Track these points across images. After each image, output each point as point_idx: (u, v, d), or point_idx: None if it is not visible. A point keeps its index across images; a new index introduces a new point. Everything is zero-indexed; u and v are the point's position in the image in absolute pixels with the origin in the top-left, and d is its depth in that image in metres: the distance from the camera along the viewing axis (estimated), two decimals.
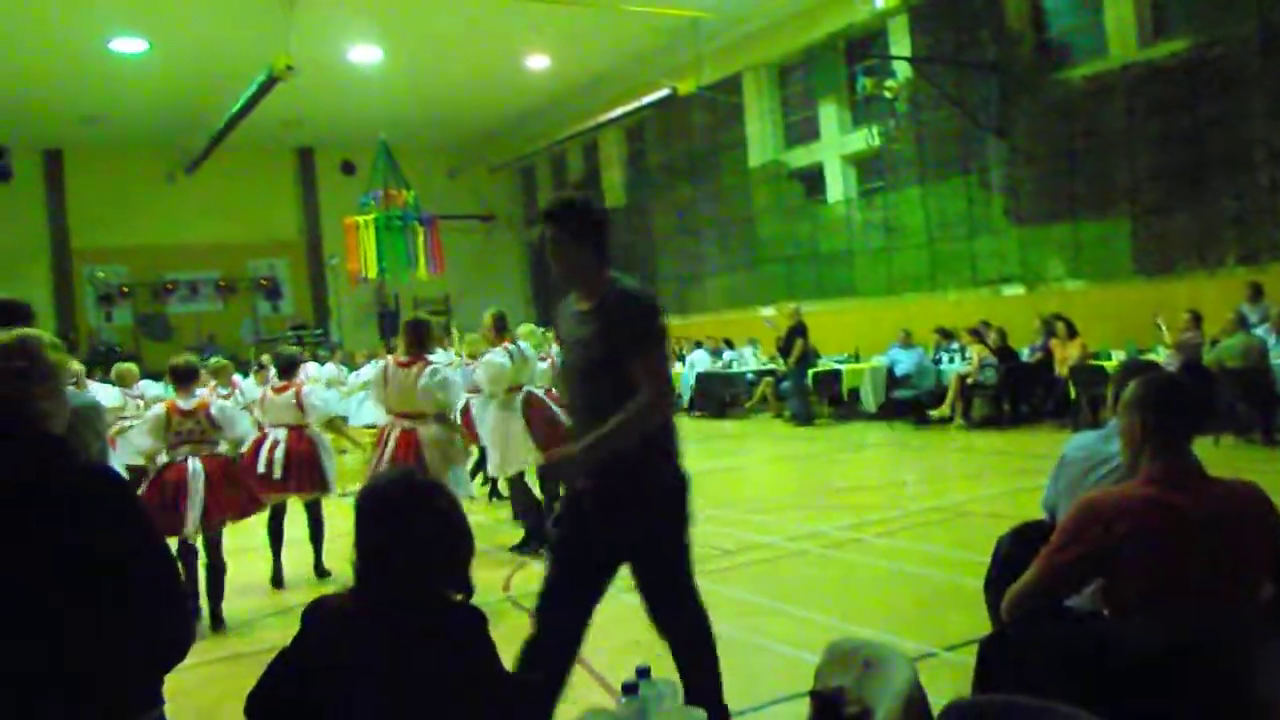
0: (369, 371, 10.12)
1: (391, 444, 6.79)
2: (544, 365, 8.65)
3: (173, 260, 24.07)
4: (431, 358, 7.18)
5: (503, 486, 9.46)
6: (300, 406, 7.38)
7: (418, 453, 6.72)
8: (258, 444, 7.27)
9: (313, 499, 7.49)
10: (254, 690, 2.23)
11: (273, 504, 7.21)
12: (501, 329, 8.16)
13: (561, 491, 7.39)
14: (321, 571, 7.51)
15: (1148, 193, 13.06)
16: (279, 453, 7.19)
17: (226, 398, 8.52)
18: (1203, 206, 12.51)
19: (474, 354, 9.21)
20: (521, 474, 7.98)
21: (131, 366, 9.43)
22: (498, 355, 7.87)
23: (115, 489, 2.23)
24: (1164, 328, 11.42)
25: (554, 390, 8.20)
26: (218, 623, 6.23)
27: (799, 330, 14.93)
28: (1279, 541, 2.74)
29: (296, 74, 14.59)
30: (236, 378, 10.69)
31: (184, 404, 6.48)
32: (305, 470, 7.21)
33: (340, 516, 8.06)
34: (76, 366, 6.40)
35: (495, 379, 7.83)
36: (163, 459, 6.35)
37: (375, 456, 6.95)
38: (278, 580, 7.37)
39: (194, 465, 6.25)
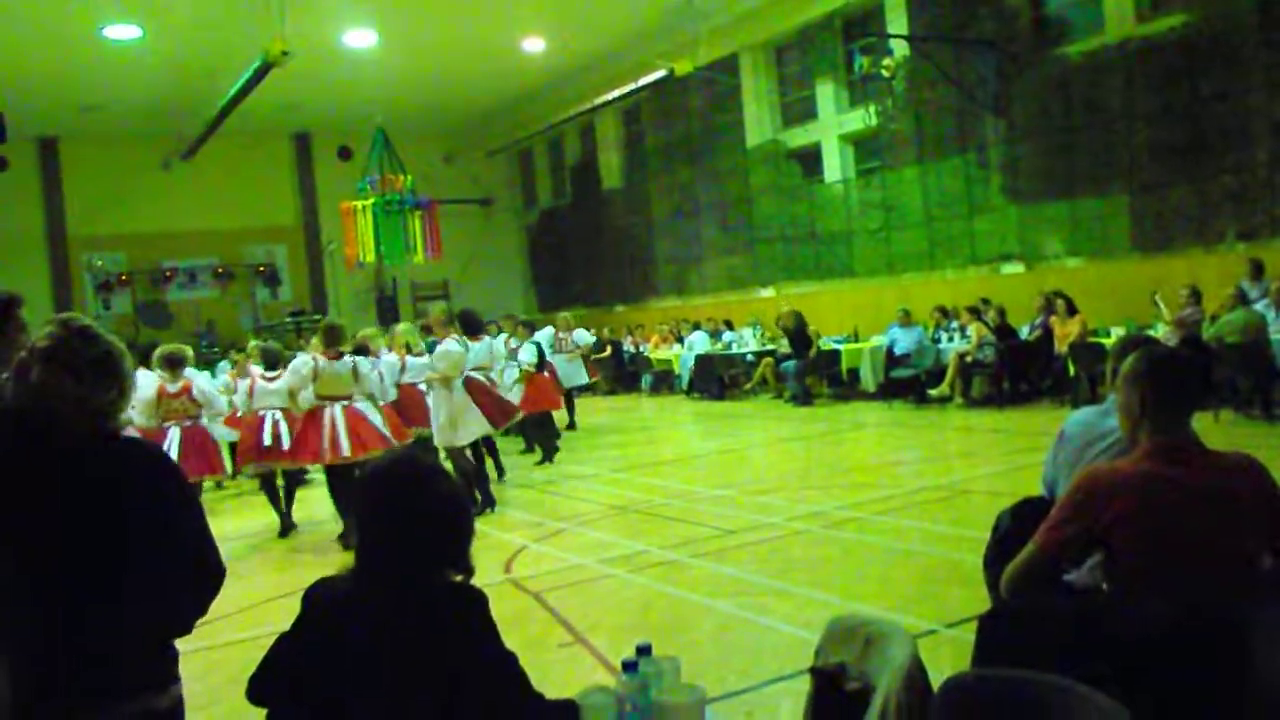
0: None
1: (340, 418, 8.13)
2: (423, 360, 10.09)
3: (171, 247, 24.03)
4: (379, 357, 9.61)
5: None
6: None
7: (365, 418, 8.27)
8: (259, 423, 8.65)
9: (299, 467, 8.99)
10: (255, 673, 2.25)
11: (263, 471, 8.78)
12: (451, 321, 9.54)
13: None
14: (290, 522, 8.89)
15: (1146, 169, 13.03)
16: (284, 428, 8.53)
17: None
18: (1201, 182, 12.48)
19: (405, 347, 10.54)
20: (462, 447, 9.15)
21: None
22: (453, 344, 9.13)
23: (162, 465, 2.33)
24: (1162, 305, 11.42)
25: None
26: None
27: (803, 325, 15.23)
28: (1277, 514, 2.74)
29: (292, 59, 14.51)
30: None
31: (171, 387, 8.25)
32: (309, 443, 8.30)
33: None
34: None
35: (454, 365, 9.01)
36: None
37: (326, 432, 8.10)
38: (284, 530, 8.72)
39: (172, 433, 8.12)
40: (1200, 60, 12.28)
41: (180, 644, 2.36)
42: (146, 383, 8.20)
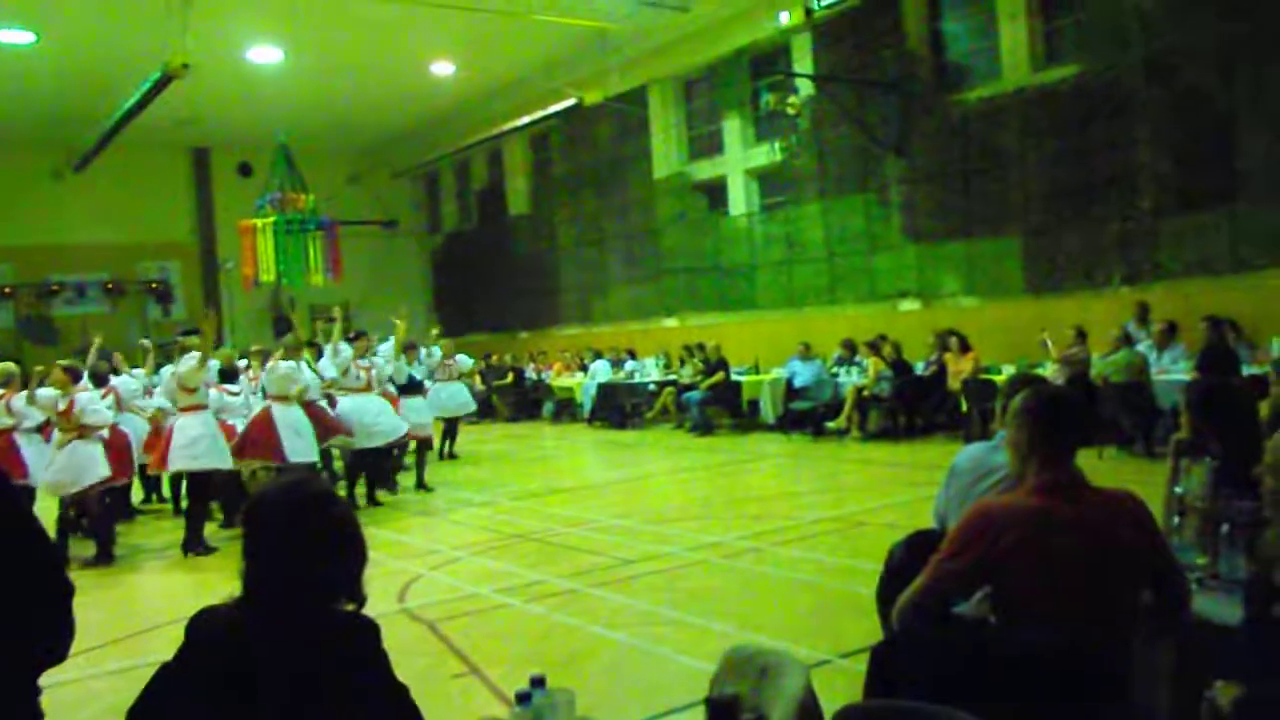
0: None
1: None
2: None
3: (59, 261, 23.21)
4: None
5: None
6: None
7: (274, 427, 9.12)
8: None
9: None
10: (135, 705, 2.16)
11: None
12: (298, 348, 10.10)
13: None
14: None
15: (1038, 213, 13.48)
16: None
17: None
18: (1090, 227, 12.95)
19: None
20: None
21: (12, 366, 9.09)
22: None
23: None
24: (1050, 344, 11.78)
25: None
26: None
27: (721, 365, 15.42)
28: (1156, 549, 2.84)
29: (193, 72, 14.22)
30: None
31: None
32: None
33: None
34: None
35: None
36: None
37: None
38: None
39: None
40: (1091, 110, 12.77)
41: (55, 674, 2.25)
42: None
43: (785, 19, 15.24)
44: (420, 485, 11.45)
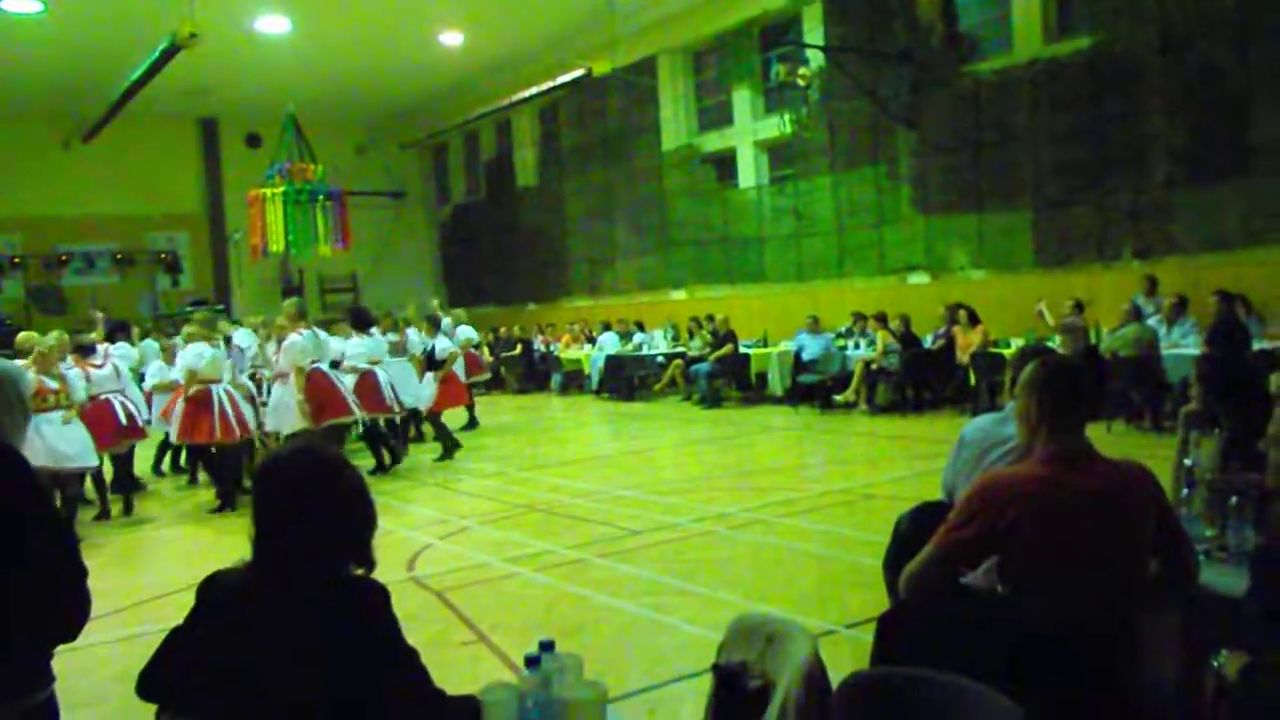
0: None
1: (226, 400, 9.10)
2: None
3: (68, 231, 23.20)
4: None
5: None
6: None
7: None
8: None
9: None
10: (146, 668, 2.18)
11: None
12: (301, 316, 9.99)
13: None
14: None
15: (1049, 186, 13.40)
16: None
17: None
18: (1101, 201, 12.88)
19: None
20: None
21: (33, 334, 9.08)
22: (298, 337, 9.69)
23: (7, 461, 2.18)
24: (1047, 315, 11.76)
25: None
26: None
27: (730, 337, 15.38)
28: (1164, 520, 2.84)
29: (201, 42, 14.17)
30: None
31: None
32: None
33: None
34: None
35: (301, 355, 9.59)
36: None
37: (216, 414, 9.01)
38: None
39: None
40: (1104, 82, 12.67)
41: None
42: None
43: None
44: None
